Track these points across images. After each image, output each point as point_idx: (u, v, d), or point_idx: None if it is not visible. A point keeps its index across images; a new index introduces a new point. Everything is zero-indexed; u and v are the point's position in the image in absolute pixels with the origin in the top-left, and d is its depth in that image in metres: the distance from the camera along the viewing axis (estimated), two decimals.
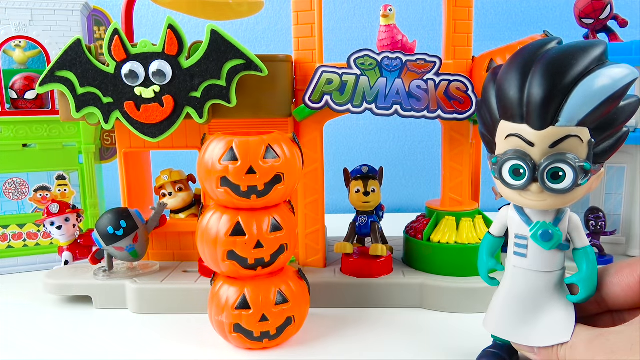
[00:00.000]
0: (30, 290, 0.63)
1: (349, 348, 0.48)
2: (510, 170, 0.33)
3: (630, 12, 0.89)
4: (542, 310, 0.36)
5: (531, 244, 0.35)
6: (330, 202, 0.72)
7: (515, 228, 0.36)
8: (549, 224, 0.34)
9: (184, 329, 0.52)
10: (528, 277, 0.36)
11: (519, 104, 0.31)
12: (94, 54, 0.54)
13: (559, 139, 0.31)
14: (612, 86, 0.30)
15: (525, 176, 0.32)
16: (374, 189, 0.59)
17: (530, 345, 0.36)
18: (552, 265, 0.36)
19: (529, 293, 0.36)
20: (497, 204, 0.69)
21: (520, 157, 0.32)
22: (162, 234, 0.63)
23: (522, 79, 0.31)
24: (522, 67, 0.31)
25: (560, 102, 0.30)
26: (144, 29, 1.05)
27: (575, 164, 0.31)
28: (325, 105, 0.55)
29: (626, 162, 0.65)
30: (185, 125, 0.59)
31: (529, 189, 0.33)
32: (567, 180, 0.31)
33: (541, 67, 0.30)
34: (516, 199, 0.34)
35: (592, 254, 0.36)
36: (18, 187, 0.72)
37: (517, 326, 0.37)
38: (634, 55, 0.62)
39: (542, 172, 0.31)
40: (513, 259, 0.37)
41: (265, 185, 0.44)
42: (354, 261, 0.58)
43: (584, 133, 0.31)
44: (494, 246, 0.39)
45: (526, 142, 0.32)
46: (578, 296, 0.35)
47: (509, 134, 0.32)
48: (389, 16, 0.55)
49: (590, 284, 0.35)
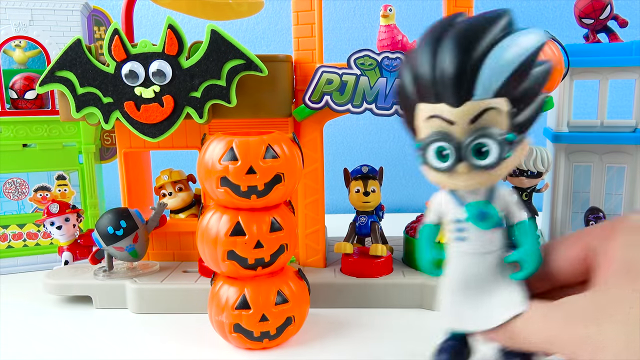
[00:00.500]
0: (30, 290, 0.63)
1: (349, 348, 0.48)
2: (435, 153, 0.32)
3: (630, 12, 0.89)
4: (490, 291, 0.35)
5: (470, 226, 0.34)
6: (330, 202, 0.72)
7: (452, 213, 0.35)
8: (483, 203, 0.34)
9: (184, 329, 0.52)
10: (471, 261, 0.35)
11: (432, 83, 0.30)
12: (94, 54, 0.54)
13: (477, 114, 0.30)
14: (522, 53, 0.29)
15: (451, 157, 0.31)
16: (374, 189, 0.59)
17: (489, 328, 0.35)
18: (493, 245, 0.35)
19: (474, 276, 0.35)
20: None
21: (443, 138, 0.31)
22: (162, 234, 0.63)
23: (432, 56, 0.30)
24: (431, 45, 0.30)
25: (473, 75, 0.29)
26: (144, 29, 1.05)
27: (498, 137, 0.30)
28: (325, 105, 0.55)
29: (626, 162, 0.65)
30: (185, 125, 0.59)
31: (457, 170, 0.32)
32: (493, 154, 0.31)
33: (449, 43, 0.29)
34: (446, 182, 0.33)
35: (531, 227, 0.35)
36: (18, 187, 0.72)
37: (470, 313, 0.36)
38: (634, 55, 0.62)
39: (467, 150, 0.31)
40: (453, 244, 0.36)
41: (265, 185, 0.44)
42: (354, 261, 0.58)
43: (501, 104, 0.30)
44: (432, 235, 0.38)
45: (446, 121, 0.31)
46: (522, 272, 0.35)
47: (428, 116, 0.31)
48: (389, 16, 0.55)
49: (532, 258, 0.34)
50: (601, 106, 0.65)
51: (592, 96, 0.67)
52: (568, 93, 0.65)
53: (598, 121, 0.65)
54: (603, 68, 0.63)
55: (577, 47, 0.64)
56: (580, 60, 0.63)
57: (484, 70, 0.29)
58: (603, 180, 0.66)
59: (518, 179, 0.65)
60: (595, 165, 0.66)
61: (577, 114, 0.66)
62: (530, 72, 0.30)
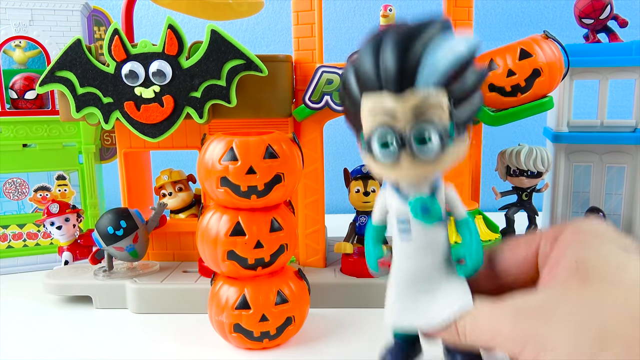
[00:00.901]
0: (30, 290, 0.63)
1: (349, 348, 0.48)
2: (379, 143, 0.32)
3: (630, 12, 0.89)
4: (436, 288, 0.35)
5: (413, 222, 0.35)
6: (330, 202, 0.72)
7: (395, 209, 0.36)
8: (427, 198, 0.34)
9: (184, 329, 0.52)
10: (416, 257, 0.35)
11: (375, 72, 0.31)
12: (94, 54, 0.54)
13: (419, 102, 0.31)
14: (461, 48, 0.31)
15: (394, 146, 0.32)
16: (374, 189, 0.59)
17: (433, 325, 0.35)
18: (437, 241, 0.35)
19: (419, 273, 0.36)
20: (497, 204, 0.69)
21: (385, 128, 0.32)
22: (162, 234, 0.63)
23: (375, 50, 0.31)
24: (374, 41, 0.32)
25: (414, 65, 0.31)
26: (144, 29, 1.05)
27: (439, 126, 0.31)
28: (325, 105, 0.55)
29: (626, 162, 0.65)
30: (185, 125, 0.59)
31: (400, 160, 0.32)
32: (434, 142, 0.31)
33: (392, 37, 0.31)
34: (389, 174, 0.34)
35: (473, 224, 0.36)
36: (18, 187, 0.72)
37: (414, 310, 0.36)
38: (634, 55, 0.62)
39: (409, 139, 0.32)
40: (398, 241, 0.36)
41: (265, 185, 0.44)
42: (354, 261, 0.58)
43: (441, 96, 0.31)
44: (378, 234, 0.39)
45: (389, 110, 0.32)
46: (466, 267, 0.35)
47: (371, 106, 0.32)
48: (389, 16, 0.55)
49: (476, 253, 0.35)
50: (601, 106, 0.65)
51: (592, 96, 0.67)
52: (568, 93, 0.65)
53: (598, 121, 0.65)
54: (603, 68, 0.63)
55: (577, 47, 0.64)
56: (580, 60, 0.63)
57: (425, 61, 0.31)
58: (603, 180, 0.66)
59: (518, 179, 0.65)
60: (595, 165, 0.66)
61: (577, 114, 0.66)
62: (467, 69, 0.32)
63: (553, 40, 0.59)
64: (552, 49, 0.58)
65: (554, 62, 0.57)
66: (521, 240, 0.36)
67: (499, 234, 0.61)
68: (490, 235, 0.60)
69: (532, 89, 0.57)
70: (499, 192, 0.68)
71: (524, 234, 0.37)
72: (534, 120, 0.66)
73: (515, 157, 0.64)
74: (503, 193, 0.68)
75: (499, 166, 0.67)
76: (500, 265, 0.36)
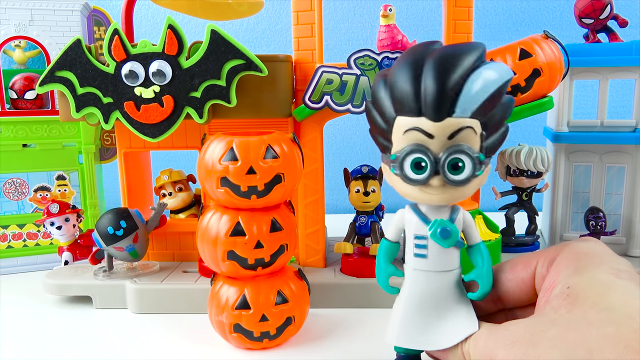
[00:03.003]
0: (30, 290, 0.63)
1: (349, 348, 0.48)
2: (411, 164, 0.33)
3: (630, 12, 0.89)
4: (444, 311, 0.36)
5: (431, 244, 0.35)
6: (330, 202, 0.72)
7: (414, 229, 0.36)
8: (447, 221, 0.35)
9: (184, 329, 0.52)
10: (429, 279, 0.36)
11: (415, 98, 0.32)
12: (94, 54, 0.54)
13: (456, 130, 0.32)
14: (497, 80, 0.32)
15: (427, 169, 0.33)
16: (374, 189, 0.59)
17: (439, 348, 0.36)
18: (451, 264, 0.36)
19: (430, 295, 0.36)
20: (497, 204, 0.69)
21: (421, 150, 0.33)
22: (162, 234, 0.63)
23: (415, 74, 0.32)
24: (413, 64, 0.32)
25: (455, 94, 0.31)
26: (144, 29, 1.05)
27: (473, 154, 0.32)
28: (325, 105, 0.55)
29: (626, 162, 0.65)
30: (185, 125, 0.59)
31: (430, 183, 0.33)
32: (467, 170, 0.33)
33: (433, 63, 0.32)
34: (416, 195, 0.35)
35: (486, 250, 0.37)
36: (18, 187, 0.72)
37: (422, 332, 0.36)
38: (634, 55, 0.62)
39: (443, 164, 0.32)
40: (412, 261, 0.36)
41: (265, 185, 0.44)
42: (354, 261, 0.58)
43: (476, 125, 0.32)
44: (391, 252, 0.39)
45: (426, 134, 0.32)
46: (477, 292, 0.36)
47: (408, 129, 0.33)
48: (389, 16, 0.55)
49: (487, 279, 0.36)
50: (601, 106, 0.65)
51: (592, 96, 0.67)
52: (568, 93, 0.65)
53: (598, 121, 0.65)
54: (603, 68, 0.63)
55: (577, 47, 0.64)
56: (580, 60, 0.63)
57: (464, 91, 0.32)
58: (603, 180, 0.66)
59: (518, 179, 0.65)
60: (595, 165, 0.66)
61: (577, 114, 0.66)
62: (500, 100, 0.33)
63: (553, 40, 0.59)
64: (552, 49, 0.58)
65: (554, 62, 0.57)
66: (519, 261, 0.37)
67: (499, 234, 0.61)
68: (490, 235, 0.60)
69: (532, 89, 0.57)
70: (499, 192, 0.68)
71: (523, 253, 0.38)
72: (534, 120, 0.66)
73: (515, 157, 0.64)
74: (503, 193, 0.68)
75: (499, 166, 0.67)
76: (501, 287, 0.37)
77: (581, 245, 0.34)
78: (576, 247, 0.34)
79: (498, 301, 0.37)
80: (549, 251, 0.35)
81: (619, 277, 0.30)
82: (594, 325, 0.27)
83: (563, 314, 0.29)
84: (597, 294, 0.29)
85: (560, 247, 0.35)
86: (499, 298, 0.37)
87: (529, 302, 0.36)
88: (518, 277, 0.36)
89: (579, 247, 0.34)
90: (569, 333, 0.28)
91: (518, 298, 0.36)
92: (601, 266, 0.31)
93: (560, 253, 0.34)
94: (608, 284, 0.30)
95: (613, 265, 0.31)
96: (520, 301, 0.37)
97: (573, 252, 0.34)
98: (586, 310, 0.29)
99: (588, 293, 0.29)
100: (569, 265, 0.32)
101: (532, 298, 0.35)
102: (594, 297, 0.29)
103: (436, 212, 0.36)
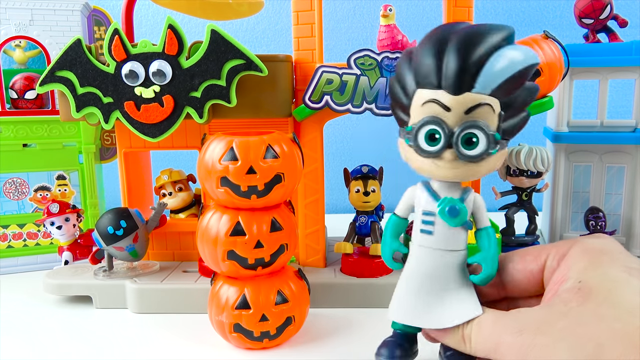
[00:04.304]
0: (31, 290, 0.63)
1: (349, 348, 0.48)
2: (426, 136, 0.33)
3: (630, 12, 0.89)
4: (447, 291, 0.36)
5: (438, 221, 0.35)
6: (330, 202, 0.72)
7: (423, 205, 0.36)
8: (456, 200, 0.35)
9: (184, 329, 0.52)
10: (434, 256, 0.36)
11: (437, 70, 0.32)
12: (94, 54, 0.54)
13: (473, 105, 0.32)
14: (522, 62, 0.31)
15: (440, 141, 0.33)
16: (374, 189, 0.59)
17: (437, 327, 0.36)
18: (457, 244, 0.36)
19: (434, 273, 0.36)
20: (497, 204, 0.69)
21: (436, 122, 0.32)
22: (162, 234, 0.63)
23: (439, 49, 0.32)
24: (438, 41, 0.32)
25: (476, 69, 0.31)
26: (144, 29, 1.05)
27: (488, 131, 0.32)
28: (325, 105, 0.55)
29: (626, 162, 0.65)
30: (185, 125, 0.59)
31: (443, 157, 0.33)
32: (480, 146, 0.32)
33: (457, 39, 0.32)
34: (428, 168, 0.34)
35: (493, 234, 0.36)
36: (18, 187, 0.72)
37: (422, 309, 0.36)
38: (634, 55, 0.62)
39: (457, 137, 0.32)
40: (419, 237, 0.36)
41: (265, 185, 0.44)
42: (354, 261, 0.58)
43: (495, 103, 0.32)
44: (398, 227, 0.39)
45: (443, 107, 0.32)
46: (481, 275, 0.36)
47: (426, 100, 0.33)
48: (389, 16, 0.55)
49: (492, 263, 0.35)
50: (601, 106, 0.65)
51: (592, 96, 0.67)
52: (568, 93, 0.65)
53: (598, 121, 0.65)
54: (603, 68, 0.63)
55: (577, 47, 0.64)
56: (580, 60, 0.63)
57: (486, 67, 0.31)
58: (603, 180, 0.66)
59: (518, 179, 0.65)
60: (595, 165, 0.66)
61: (577, 114, 0.66)
62: (523, 84, 0.32)
63: (553, 40, 0.59)
64: (552, 49, 0.58)
65: (554, 62, 0.57)
66: (529, 252, 0.37)
67: (499, 234, 0.61)
68: None
69: None
70: (499, 192, 0.68)
71: (533, 246, 0.38)
72: (534, 120, 0.66)
73: (515, 157, 0.64)
74: (503, 193, 0.68)
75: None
76: (507, 276, 0.37)
77: (594, 241, 0.34)
78: (589, 243, 0.34)
79: (502, 289, 0.37)
80: (560, 245, 0.35)
81: (631, 274, 0.30)
82: (604, 320, 0.27)
83: (573, 307, 0.29)
84: (608, 290, 0.29)
85: (572, 242, 0.35)
86: (504, 286, 0.37)
87: (534, 294, 0.36)
88: (527, 268, 0.36)
89: (591, 243, 0.34)
90: (579, 327, 0.28)
91: (524, 288, 0.36)
92: (613, 263, 0.31)
93: (572, 248, 0.34)
94: (620, 281, 0.30)
95: (625, 263, 0.31)
96: (525, 291, 0.36)
97: (585, 247, 0.33)
98: (597, 305, 0.29)
99: (600, 289, 0.29)
100: (581, 260, 0.32)
101: (538, 290, 0.35)
102: (606, 293, 0.29)
103: (447, 190, 0.35)
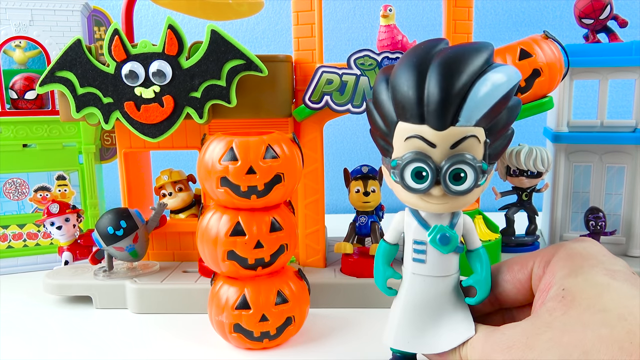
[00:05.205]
0: (31, 290, 0.63)
1: (349, 348, 0.48)
2: (412, 174, 0.32)
3: (630, 12, 0.89)
4: (442, 315, 0.36)
5: (430, 249, 0.35)
6: (330, 202, 0.72)
7: (413, 234, 0.36)
8: (446, 227, 0.34)
9: (184, 329, 0.52)
10: (427, 283, 0.36)
11: (418, 104, 0.31)
12: (94, 54, 0.54)
13: (459, 139, 0.31)
14: (505, 85, 0.31)
15: (427, 178, 0.32)
16: (374, 189, 0.59)
17: (436, 352, 0.36)
18: (450, 269, 0.36)
19: (428, 299, 0.36)
20: (497, 204, 0.69)
21: (422, 160, 0.32)
22: (162, 234, 0.63)
23: (419, 79, 0.31)
24: (417, 68, 0.31)
25: (459, 102, 0.30)
26: (144, 29, 1.06)
27: (475, 164, 0.31)
28: (325, 105, 0.55)
29: (626, 162, 0.65)
30: (185, 125, 0.59)
31: (431, 192, 0.32)
32: (469, 181, 0.32)
33: (437, 68, 0.30)
34: (416, 203, 0.34)
35: (485, 255, 0.36)
36: (18, 187, 0.72)
37: (419, 335, 0.36)
38: (634, 55, 0.62)
39: (445, 174, 0.31)
40: (411, 265, 0.36)
41: (265, 185, 0.44)
42: (354, 261, 0.58)
43: (480, 133, 0.31)
44: (390, 254, 0.38)
45: (428, 143, 0.31)
46: (475, 298, 0.36)
47: (409, 136, 0.32)
48: (389, 16, 0.55)
49: (486, 284, 0.36)
50: (601, 106, 0.65)
51: (592, 96, 0.67)
52: (568, 93, 0.65)
53: (598, 121, 0.65)
54: (603, 68, 0.63)
55: (577, 47, 0.64)
56: (580, 60, 0.63)
57: (469, 99, 0.30)
58: (603, 180, 0.66)
59: (518, 179, 0.65)
60: (595, 165, 0.66)
61: (577, 114, 0.66)
62: (507, 105, 0.32)
63: (553, 40, 0.59)
64: (552, 49, 0.58)
65: (554, 62, 0.57)
66: (516, 261, 0.37)
67: (499, 234, 0.61)
68: (490, 235, 0.60)
69: (532, 89, 0.57)
70: (499, 192, 0.68)
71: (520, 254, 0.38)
72: (534, 120, 0.66)
73: (515, 157, 0.64)
74: (503, 193, 0.68)
75: (499, 166, 0.67)
76: (498, 287, 0.37)
77: (576, 246, 0.34)
78: (571, 248, 0.34)
79: (495, 302, 0.37)
80: (545, 252, 0.35)
81: (614, 278, 0.30)
82: (589, 327, 0.27)
83: (558, 316, 0.29)
84: (592, 295, 0.29)
85: (556, 247, 0.35)
86: (496, 299, 0.37)
87: (526, 303, 0.36)
88: (515, 278, 0.36)
89: (574, 248, 0.34)
90: (565, 335, 0.28)
91: (515, 298, 0.36)
92: (596, 267, 0.31)
93: (555, 254, 0.34)
94: (603, 285, 0.30)
95: (608, 266, 0.31)
96: (517, 301, 0.37)
97: (568, 253, 0.34)
98: (581, 312, 0.29)
99: (583, 295, 0.30)
100: (564, 267, 0.32)
101: (529, 298, 0.36)
102: (589, 299, 0.29)
103: (436, 217, 0.35)
